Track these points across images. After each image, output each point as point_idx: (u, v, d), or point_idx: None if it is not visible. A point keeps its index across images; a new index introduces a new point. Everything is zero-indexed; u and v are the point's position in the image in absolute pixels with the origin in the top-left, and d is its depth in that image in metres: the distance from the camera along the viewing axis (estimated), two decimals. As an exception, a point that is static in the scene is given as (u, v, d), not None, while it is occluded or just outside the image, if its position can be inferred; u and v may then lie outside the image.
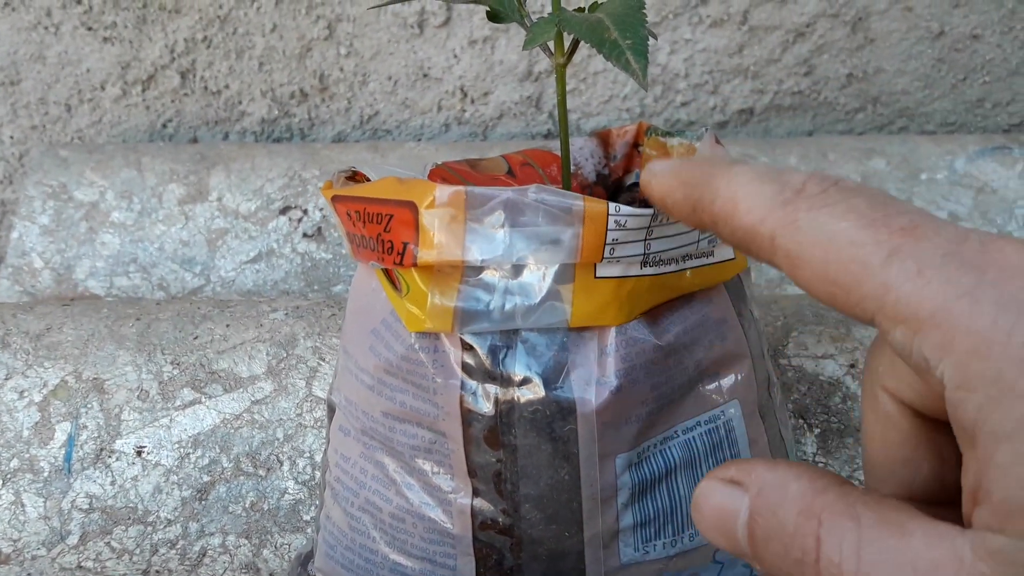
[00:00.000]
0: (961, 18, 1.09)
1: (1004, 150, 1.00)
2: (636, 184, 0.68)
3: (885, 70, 1.12)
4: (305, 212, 1.01)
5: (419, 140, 1.18)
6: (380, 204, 0.52)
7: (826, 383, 0.72)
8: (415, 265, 0.51)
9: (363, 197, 0.53)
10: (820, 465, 0.69)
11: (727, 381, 0.55)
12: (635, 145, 0.68)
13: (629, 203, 0.68)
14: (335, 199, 0.55)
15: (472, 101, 1.16)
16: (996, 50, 1.11)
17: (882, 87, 1.13)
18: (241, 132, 1.18)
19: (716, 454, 0.55)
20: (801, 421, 0.70)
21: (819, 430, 0.70)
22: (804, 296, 0.81)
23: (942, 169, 0.99)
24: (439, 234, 0.50)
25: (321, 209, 1.01)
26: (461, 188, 0.50)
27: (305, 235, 1.00)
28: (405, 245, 0.51)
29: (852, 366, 0.72)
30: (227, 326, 0.77)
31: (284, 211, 1.01)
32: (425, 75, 1.15)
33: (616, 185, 0.68)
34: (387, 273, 0.54)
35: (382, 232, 0.52)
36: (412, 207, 0.51)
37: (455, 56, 1.13)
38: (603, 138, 0.68)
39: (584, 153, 0.68)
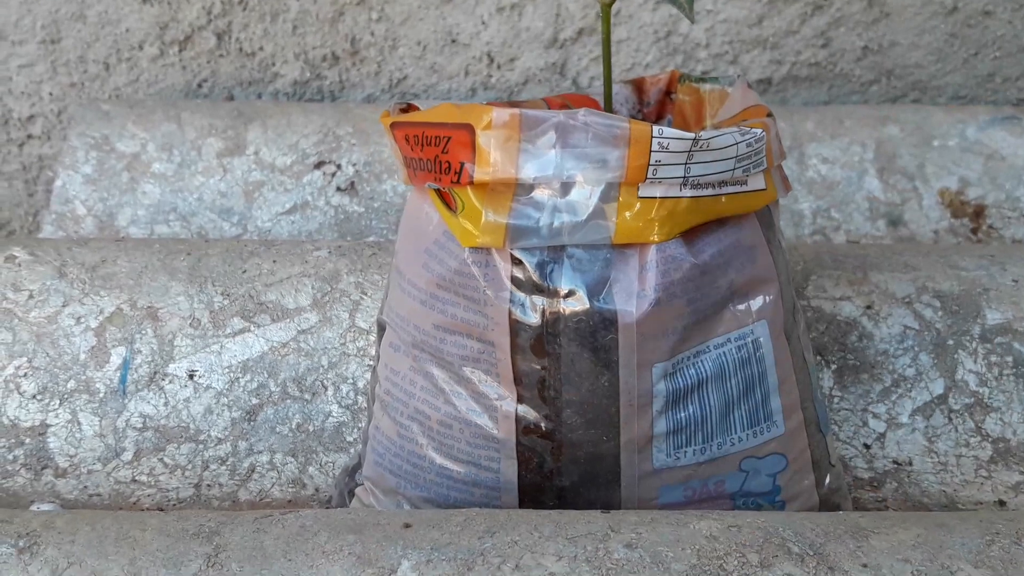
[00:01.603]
0: (974, -5, 1.13)
1: (1013, 120, 1.04)
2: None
3: (900, 43, 1.16)
4: (339, 167, 1.05)
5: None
6: (438, 128, 0.56)
7: (843, 323, 0.76)
8: (471, 183, 0.55)
9: (422, 122, 0.57)
10: (836, 399, 0.74)
11: (756, 302, 0.59)
12: (668, 92, 0.72)
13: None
14: (394, 126, 0.59)
15: (499, 67, 1.20)
16: (1007, 26, 1.15)
17: (896, 60, 1.17)
18: (274, 93, 1.22)
19: (744, 370, 0.59)
20: (819, 358, 0.74)
21: (836, 366, 0.74)
22: (823, 244, 0.85)
23: (953, 136, 1.03)
24: (495, 153, 0.54)
25: (354, 164, 1.05)
26: (516, 111, 0.54)
27: (339, 189, 1.04)
28: (462, 165, 0.55)
29: (868, 307, 0.76)
30: (274, 262, 0.81)
31: (318, 165, 1.05)
32: (453, 40, 1.19)
33: (649, 129, 0.72)
34: (441, 195, 0.58)
35: (440, 154, 0.56)
36: (470, 129, 0.55)
37: (483, 22, 1.17)
38: (637, 85, 0.72)
39: (619, 99, 0.72)
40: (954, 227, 0.99)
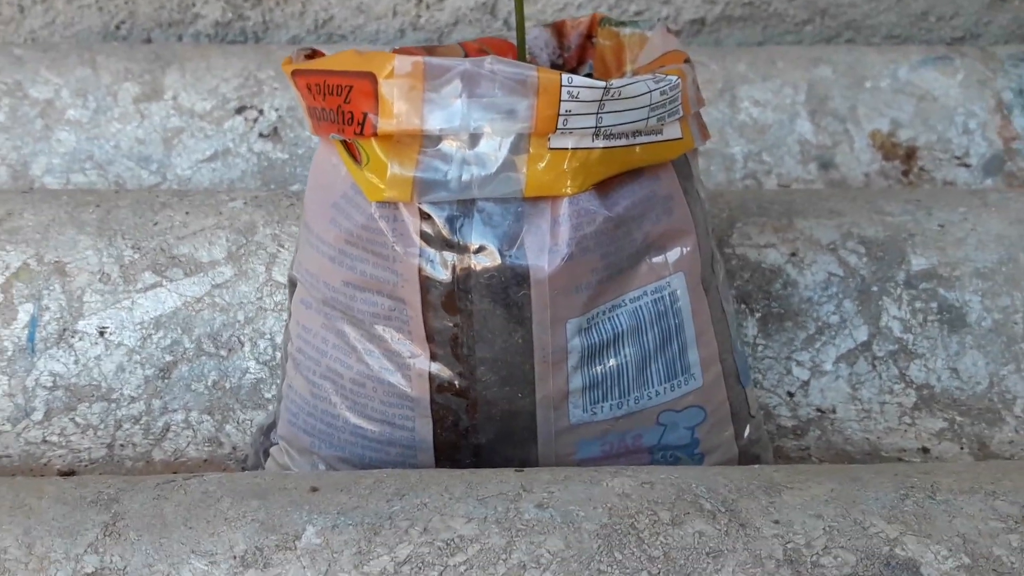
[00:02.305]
0: (908, -68, 1.12)
1: (946, 60, 1.03)
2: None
3: (834, -18, 1.14)
4: (261, 112, 1.02)
5: (374, 44, 1.18)
6: (340, 76, 0.54)
7: (768, 270, 0.75)
8: (375, 135, 0.53)
9: (323, 70, 0.55)
10: (760, 347, 0.73)
11: (673, 254, 0.58)
12: (589, 36, 0.70)
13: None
14: (295, 73, 0.57)
15: (427, 7, 1.17)
16: (941, -36, 1.13)
17: (830, -1, 1.15)
18: (195, 35, 1.18)
19: (661, 323, 0.58)
20: (743, 306, 0.74)
21: (760, 314, 0.74)
22: (749, 190, 0.84)
23: (885, 77, 1.02)
24: (398, 104, 0.52)
25: (277, 109, 1.02)
26: (419, 59, 0.52)
27: (261, 135, 1.01)
28: (365, 115, 0.53)
29: (793, 254, 0.75)
30: (187, 213, 0.78)
31: (240, 111, 1.02)
32: (381, -21, 1.15)
33: (570, 74, 0.70)
34: (347, 146, 0.56)
35: (342, 103, 0.54)
36: (371, 78, 0.53)
37: (411, -39, 1.14)
38: (558, 29, 0.70)
39: (539, 43, 0.70)
40: (885, 170, 0.98)
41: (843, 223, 0.77)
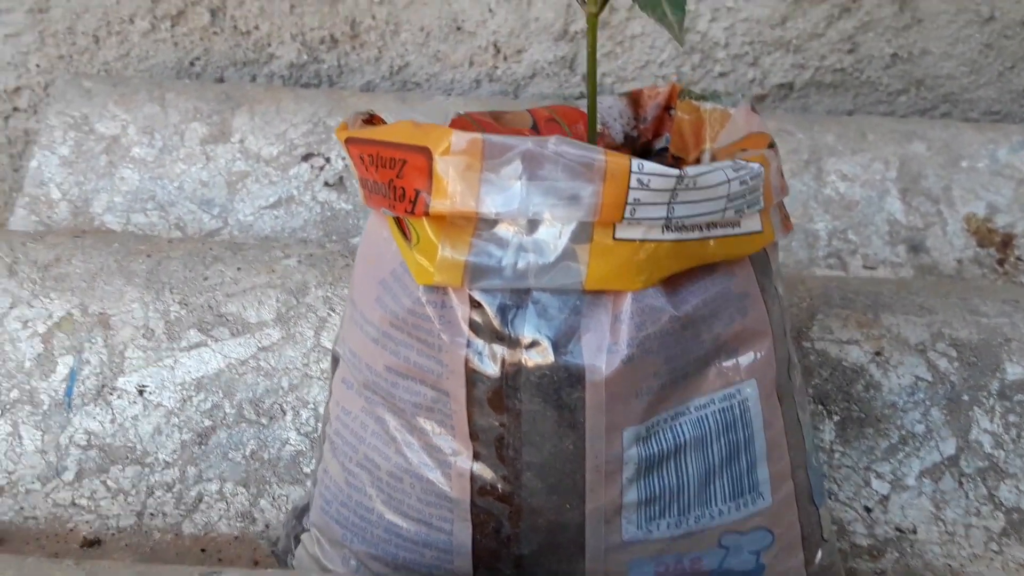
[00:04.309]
0: (1013, 3, 1.05)
1: (1051, 141, 0.97)
2: (665, 149, 0.66)
3: (931, 52, 1.08)
4: (328, 160, 0.99)
5: (448, 94, 1.15)
6: (394, 148, 0.50)
7: (849, 369, 0.69)
8: (427, 214, 0.49)
9: (377, 140, 0.51)
10: (836, 454, 0.67)
11: (746, 359, 0.53)
12: (667, 108, 0.65)
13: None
14: (349, 141, 0.53)
15: (505, 58, 1.13)
16: (1050, 38, 1.07)
17: (927, 70, 1.09)
18: (269, 75, 1.16)
19: (729, 434, 0.53)
20: (821, 407, 0.68)
21: (839, 417, 0.68)
22: (832, 278, 0.78)
23: (983, 158, 0.96)
24: (453, 183, 0.48)
25: (344, 158, 0.99)
26: (478, 136, 0.48)
27: (327, 184, 0.98)
28: (417, 193, 0.49)
29: (878, 353, 0.69)
30: (238, 269, 0.75)
31: (306, 158, 0.99)
32: (458, 28, 1.12)
33: (644, 149, 0.66)
34: (398, 222, 0.52)
35: (395, 178, 0.50)
36: (427, 153, 0.49)
37: (490, 10, 1.10)
38: (634, 98, 0.66)
39: (613, 113, 0.65)
40: (979, 256, 0.92)
41: (934, 321, 0.71)
